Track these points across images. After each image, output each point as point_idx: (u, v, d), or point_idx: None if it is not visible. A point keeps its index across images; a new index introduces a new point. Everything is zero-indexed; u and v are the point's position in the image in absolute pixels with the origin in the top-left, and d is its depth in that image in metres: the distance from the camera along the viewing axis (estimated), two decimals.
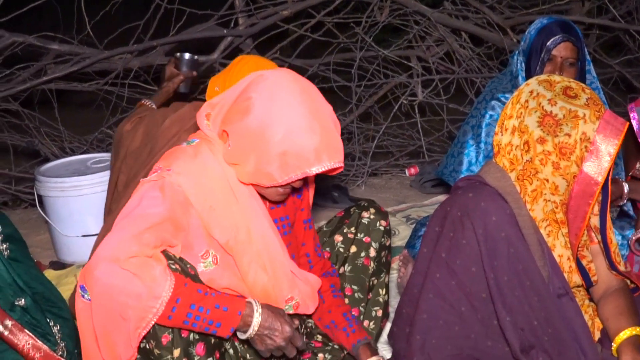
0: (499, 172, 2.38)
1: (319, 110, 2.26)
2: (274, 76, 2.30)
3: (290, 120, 2.21)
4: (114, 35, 4.93)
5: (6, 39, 4.70)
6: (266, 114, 2.22)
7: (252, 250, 2.37)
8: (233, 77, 2.98)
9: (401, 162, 5.52)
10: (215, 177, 2.34)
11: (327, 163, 2.23)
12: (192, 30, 5.07)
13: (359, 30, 5.16)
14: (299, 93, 2.25)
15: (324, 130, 2.23)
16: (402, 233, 4.12)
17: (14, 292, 2.44)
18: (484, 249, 2.29)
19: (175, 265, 2.20)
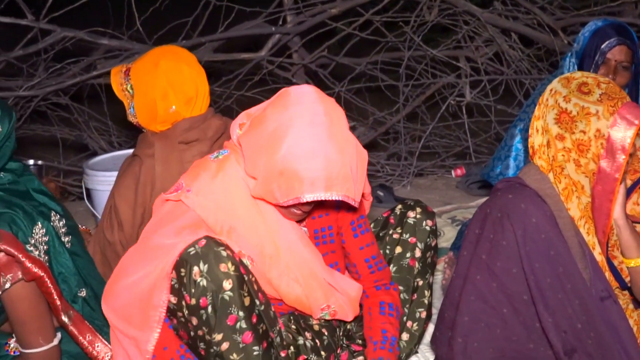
0: (538, 173, 2.35)
1: (332, 137, 2.18)
2: (297, 92, 2.26)
3: (295, 139, 2.16)
4: (163, 31, 4.96)
5: (58, 34, 4.76)
6: (276, 128, 2.19)
7: (281, 264, 2.38)
8: (143, 61, 2.95)
9: (447, 163, 5.48)
10: (237, 194, 2.35)
11: (321, 193, 2.16)
12: (241, 27, 5.09)
13: (407, 29, 5.14)
14: (315, 114, 2.20)
15: (329, 159, 2.16)
16: (447, 234, 4.08)
17: (77, 282, 2.47)
18: (523, 251, 2.27)
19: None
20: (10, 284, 2.28)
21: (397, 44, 5.30)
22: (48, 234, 2.37)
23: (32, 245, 2.31)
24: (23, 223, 2.30)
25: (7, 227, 2.26)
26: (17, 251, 2.25)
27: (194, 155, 2.84)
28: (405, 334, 2.69)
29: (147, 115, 2.89)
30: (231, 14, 4.95)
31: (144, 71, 2.88)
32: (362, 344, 2.65)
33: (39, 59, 4.96)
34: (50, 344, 2.39)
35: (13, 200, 2.34)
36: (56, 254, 2.40)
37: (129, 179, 2.87)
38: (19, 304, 2.33)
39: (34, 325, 2.36)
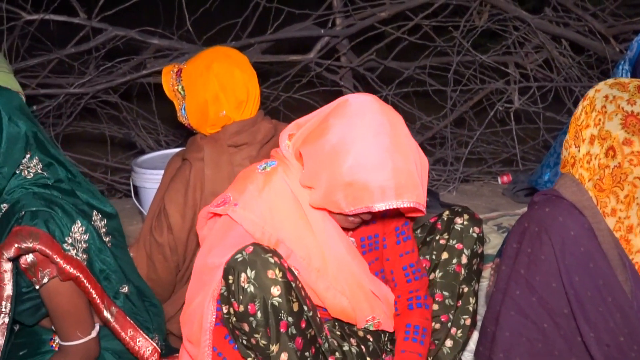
0: (575, 185, 2.32)
1: (398, 146, 2.21)
2: (358, 102, 2.27)
3: (362, 151, 2.19)
4: (212, 32, 4.99)
5: (109, 33, 4.82)
6: (340, 140, 2.21)
7: (329, 277, 2.38)
8: (195, 63, 2.95)
9: (494, 170, 5.44)
10: (285, 207, 2.36)
11: (393, 201, 2.18)
12: (290, 29, 5.10)
13: (456, 34, 5.11)
14: (380, 124, 2.22)
15: (397, 168, 2.19)
16: (493, 241, 4.05)
17: (119, 279, 2.49)
18: (562, 265, 2.24)
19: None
20: (48, 278, 2.32)
21: (446, 48, 5.27)
22: (88, 232, 2.38)
23: (69, 244, 2.32)
24: (61, 222, 2.31)
25: (44, 226, 2.28)
26: (52, 251, 2.27)
27: (243, 159, 2.85)
28: (449, 341, 2.67)
29: (198, 118, 2.91)
30: (280, 15, 4.96)
31: (196, 73, 2.89)
32: None
33: (90, 57, 5.03)
34: (88, 337, 2.42)
35: (53, 199, 2.35)
36: (97, 252, 2.41)
37: (178, 183, 2.89)
38: (57, 298, 2.36)
39: (72, 319, 2.39)
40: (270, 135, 2.93)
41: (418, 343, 2.53)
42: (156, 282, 2.89)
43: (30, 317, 2.49)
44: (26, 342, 2.57)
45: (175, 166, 2.99)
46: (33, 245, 2.24)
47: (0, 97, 2.35)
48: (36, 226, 2.26)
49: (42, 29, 4.85)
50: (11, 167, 2.35)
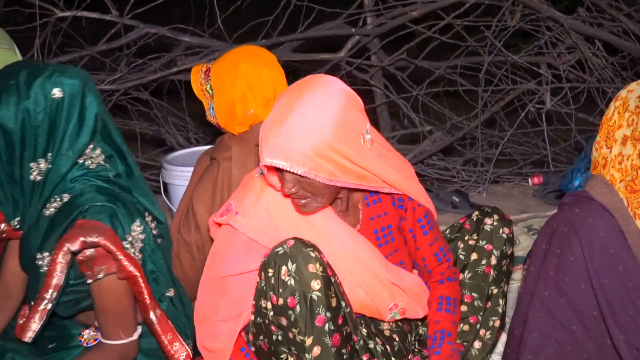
0: (605, 187, 2.30)
1: (292, 106, 2.19)
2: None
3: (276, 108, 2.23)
4: (243, 29, 5.00)
5: (140, 30, 4.84)
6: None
7: (342, 272, 2.37)
8: (223, 62, 2.96)
9: (525, 171, 5.41)
10: (284, 208, 2.38)
11: (263, 152, 2.18)
12: (320, 27, 5.09)
13: (488, 34, 5.07)
14: (295, 86, 2.26)
15: (268, 124, 2.20)
16: (523, 243, 4.03)
17: (167, 282, 2.50)
18: (591, 267, 2.23)
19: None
20: (104, 274, 2.32)
21: (478, 48, 5.24)
22: (145, 232, 2.39)
23: (128, 242, 2.33)
24: (123, 219, 2.32)
25: (109, 221, 2.29)
26: (115, 248, 2.27)
27: None
28: (477, 342, 2.66)
29: (226, 117, 2.91)
30: (311, 14, 4.96)
31: (224, 72, 2.89)
32: None
33: (122, 54, 5.05)
34: (129, 339, 2.43)
35: (116, 194, 2.37)
36: (151, 253, 2.43)
37: (206, 182, 2.91)
38: (109, 295, 2.36)
39: (118, 317, 2.40)
40: None
41: (450, 313, 2.56)
42: (183, 280, 2.90)
43: (68, 309, 2.49)
44: (55, 336, 2.58)
45: (204, 165, 3.00)
46: (98, 240, 2.25)
47: (82, 77, 2.36)
48: (101, 221, 2.27)
49: (74, 26, 4.88)
50: (76, 152, 2.35)
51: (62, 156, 2.32)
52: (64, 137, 2.32)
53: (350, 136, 2.22)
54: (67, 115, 2.31)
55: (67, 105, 2.31)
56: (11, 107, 2.25)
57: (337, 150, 2.18)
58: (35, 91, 2.27)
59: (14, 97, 2.25)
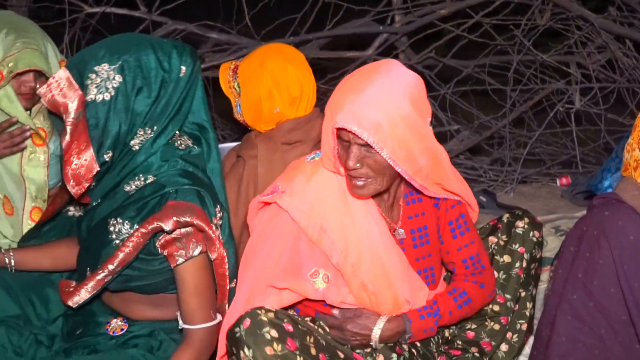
0: (636, 189, 2.29)
1: (359, 80, 2.26)
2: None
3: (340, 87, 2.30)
4: (271, 27, 5.00)
5: (169, 27, 4.87)
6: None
7: (362, 272, 2.36)
8: (250, 60, 2.96)
9: (553, 171, 5.37)
10: (330, 196, 2.38)
11: (337, 116, 2.21)
12: (348, 25, 5.09)
13: (517, 32, 5.04)
14: (369, 65, 2.35)
15: (354, 90, 2.23)
16: (550, 244, 4.00)
17: (233, 274, 2.46)
18: (621, 270, 2.21)
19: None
20: (199, 251, 2.32)
21: (506, 47, 5.22)
22: (223, 219, 2.40)
23: (214, 225, 2.34)
24: (209, 202, 2.33)
25: (199, 202, 2.30)
26: (207, 227, 2.29)
27: (297, 156, 2.84)
28: (504, 345, 2.65)
29: (253, 115, 2.91)
30: (339, 11, 4.96)
31: (250, 70, 2.90)
32: (462, 347, 2.63)
33: None
34: (217, 320, 2.40)
35: (201, 179, 2.38)
36: (228, 240, 2.41)
37: (232, 180, 2.91)
38: (202, 273, 2.36)
39: (210, 297, 2.39)
40: None
41: (454, 303, 2.51)
42: None
43: (118, 285, 2.45)
44: (82, 321, 2.58)
45: (231, 162, 3.01)
46: (191, 219, 2.26)
47: (197, 59, 2.41)
48: (192, 202, 2.28)
49: (103, 22, 4.90)
50: (173, 128, 2.39)
51: (165, 131, 2.36)
52: (177, 112, 2.37)
53: (419, 117, 2.26)
54: (184, 92, 2.38)
55: (186, 83, 2.37)
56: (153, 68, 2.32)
57: (408, 126, 2.22)
58: (173, 63, 2.34)
59: (154, 62, 2.32)
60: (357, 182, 2.29)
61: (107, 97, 2.27)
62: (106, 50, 2.31)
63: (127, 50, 2.31)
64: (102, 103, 2.27)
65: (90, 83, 2.27)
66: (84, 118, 2.29)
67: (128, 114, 2.29)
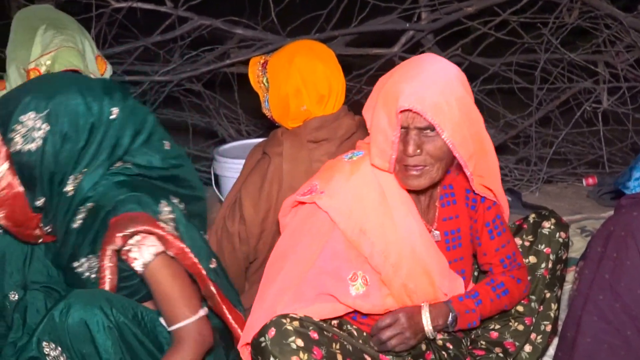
0: None
1: (416, 68, 2.29)
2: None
3: (391, 77, 2.30)
4: (296, 23, 5.00)
5: (194, 22, 4.88)
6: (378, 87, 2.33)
7: (402, 273, 2.35)
8: (279, 56, 2.96)
9: (579, 171, 5.32)
10: (370, 197, 2.35)
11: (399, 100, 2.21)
12: (374, 22, 5.08)
13: (545, 31, 5.00)
14: (417, 59, 2.39)
15: (416, 76, 2.24)
16: (576, 245, 3.98)
17: (208, 254, 2.45)
18: None
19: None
20: (153, 255, 2.30)
21: (534, 45, 5.18)
22: (174, 212, 2.37)
23: (162, 221, 2.32)
24: (150, 202, 2.31)
25: (139, 207, 2.28)
26: (155, 228, 2.27)
27: (322, 155, 2.84)
28: (528, 346, 2.64)
29: (280, 111, 2.92)
30: (365, 8, 4.94)
31: (279, 66, 2.90)
32: (485, 348, 2.62)
33: (175, 46, 5.10)
34: (196, 316, 2.37)
35: (135, 183, 2.36)
36: (185, 230, 2.39)
37: (256, 176, 2.91)
38: (162, 275, 2.33)
39: (178, 296, 2.36)
40: (352, 131, 2.91)
41: (494, 293, 2.51)
42: None
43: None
44: None
45: (256, 158, 3.01)
46: (135, 229, 2.25)
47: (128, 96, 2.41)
48: (131, 210, 2.27)
49: (129, 17, 4.93)
50: (105, 169, 2.37)
51: (97, 168, 2.34)
52: (109, 154, 2.36)
53: (471, 101, 2.30)
54: (118, 133, 2.35)
55: (119, 124, 2.34)
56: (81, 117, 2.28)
57: (462, 109, 2.24)
58: (103, 105, 2.31)
59: (83, 107, 2.28)
60: (413, 172, 2.28)
61: (33, 148, 2.25)
62: (32, 96, 2.26)
63: (53, 96, 2.26)
64: (29, 154, 2.25)
65: (15, 135, 2.24)
66: (12, 169, 2.28)
67: (57, 163, 2.27)
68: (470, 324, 2.45)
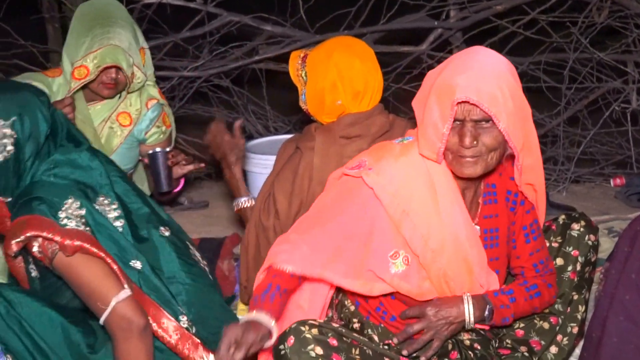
0: None
1: (474, 58, 2.27)
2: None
3: (445, 69, 2.28)
4: (325, 20, 5.01)
5: (224, 18, 4.90)
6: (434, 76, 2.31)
7: (443, 260, 2.35)
8: (318, 50, 2.97)
9: (606, 172, 5.28)
10: (417, 180, 2.34)
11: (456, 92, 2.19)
12: (403, 19, 5.08)
13: (574, 30, 4.97)
14: (469, 51, 2.35)
15: (471, 68, 2.23)
16: (603, 245, 3.92)
17: (129, 253, 2.48)
18: None
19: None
20: (54, 254, 2.33)
21: (562, 44, 5.15)
22: (84, 207, 2.41)
23: (64, 218, 2.35)
24: (51, 200, 2.35)
25: (31, 209, 2.34)
26: (43, 229, 2.30)
27: (354, 151, 2.84)
28: (554, 347, 2.63)
29: (316, 105, 2.94)
30: (394, 5, 4.94)
31: (318, 60, 2.92)
32: (511, 347, 2.61)
33: (204, 42, 5.11)
34: (109, 306, 2.32)
35: (44, 180, 2.42)
36: (99, 227, 2.43)
37: (288, 171, 2.93)
38: (66, 271, 2.35)
39: (87, 290, 2.36)
40: (385, 129, 2.92)
41: (527, 294, 2.51)
42: (259, 262, 2.92)
43: (72, 302, 2.53)
44: None
45: (288, 153, 3.03)
46: (24, 236, 2.30)
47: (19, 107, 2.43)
48: (21, 214, 2.34)
49: (159, 13, 4.95)
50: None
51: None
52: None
53: (521, 92, 2.29)
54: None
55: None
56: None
57: (514, 100, 2.22)
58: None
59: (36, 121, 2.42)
60: (468, 159, 2.27)
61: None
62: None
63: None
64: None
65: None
66: None
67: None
68: (504, 319, 2.45)
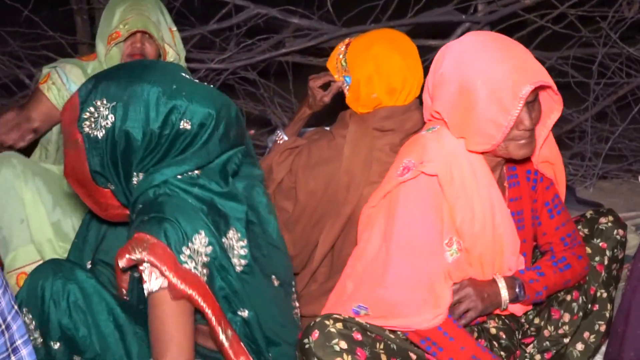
0: None
1: (504, 44, 2.25)
2: (459, 41, 2.32)
3: (479, 64, 2.20)
4: (352, 13, 5.00)
5: (251, 11, 4.91)
6: (458, 73, 2.23)
7: (483, 242, 2.35)
8: (359, 41, 2.96)
9: (634, 168, 5.24)
10: (461, 165, 2.33)
11: (527, 86, 2.16)
12: (430, 13, 5.06)
13: (604, 25, 4.93)
14: (484, 40, 2.28)
15: (512, 56, 2.21)
16: (631, 242, 3.89)
17: (239, 301, 2.25)
18: None
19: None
20: (158, 287, 2.11)
21: (592, 39, 5.11)
22: (211, 245, 2.16)
23: (187, 256, 2.11)
24: (181, 230, 2.11)
25: (162, 233, 2.10)
26: (162, 263, 2.08)
27: (385, 145, 2.84)
28: (580, 344, 2.62)
29: (352, 95, 2.93)
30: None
31: (357, 51, 2.92)
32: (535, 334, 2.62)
33: (232, 34, 5.12)
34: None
35: (180, 203, 2.16)
36: (220, 269, 2.19)
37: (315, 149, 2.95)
38: (155, 311, 2.14)
39: (163, 339, 2.14)
40: (419, 126, 2.89)
41: (554, 265, 2.51)
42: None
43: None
44: None
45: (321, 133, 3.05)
46: (142, 256, 2.08)
47: (217, 106, 2.23)
48: (151, 233, 2.09)
49: (186, 5, 4.97)
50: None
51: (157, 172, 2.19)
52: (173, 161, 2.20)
53: None
54: (190, 142, 2.19)
55: (192, 135, 2.18)
56: (139, 121, 2.15)
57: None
58: (168, 118, 2.15)
59: (142, 114, 2.14)
60: (525, 140, 2.28)
61: (99, 135, 2.15)
62: (111, 82, 2.17)
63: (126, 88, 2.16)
64: (95, 139, 2.16)
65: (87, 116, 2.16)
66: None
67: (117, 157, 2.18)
68: (538, 293, 2.44)
